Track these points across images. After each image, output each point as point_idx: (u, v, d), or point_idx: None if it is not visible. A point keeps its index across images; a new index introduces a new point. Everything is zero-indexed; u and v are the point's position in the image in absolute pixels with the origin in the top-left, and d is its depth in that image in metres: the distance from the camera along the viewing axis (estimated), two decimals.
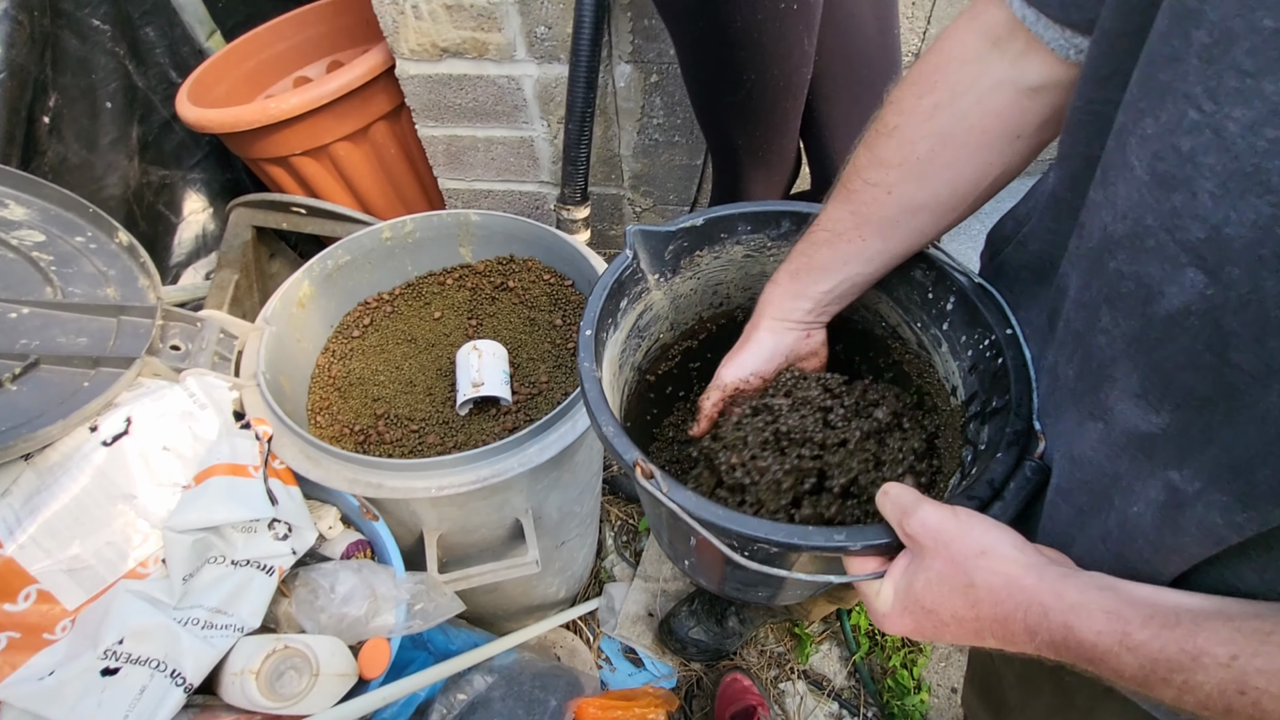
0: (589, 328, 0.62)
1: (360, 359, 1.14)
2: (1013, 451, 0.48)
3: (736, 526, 0.46)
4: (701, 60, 0.92)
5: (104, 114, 1.41)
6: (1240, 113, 0.28)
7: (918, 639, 0.45)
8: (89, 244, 0.98)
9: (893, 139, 0.51)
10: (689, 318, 0.81)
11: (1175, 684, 0.32)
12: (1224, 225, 0.29)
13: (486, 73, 1.26)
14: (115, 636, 0.68)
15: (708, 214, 0.70)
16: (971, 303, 0.59)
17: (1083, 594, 0.36)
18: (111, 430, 0.77)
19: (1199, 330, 0.32)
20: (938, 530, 0.42)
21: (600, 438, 0.54)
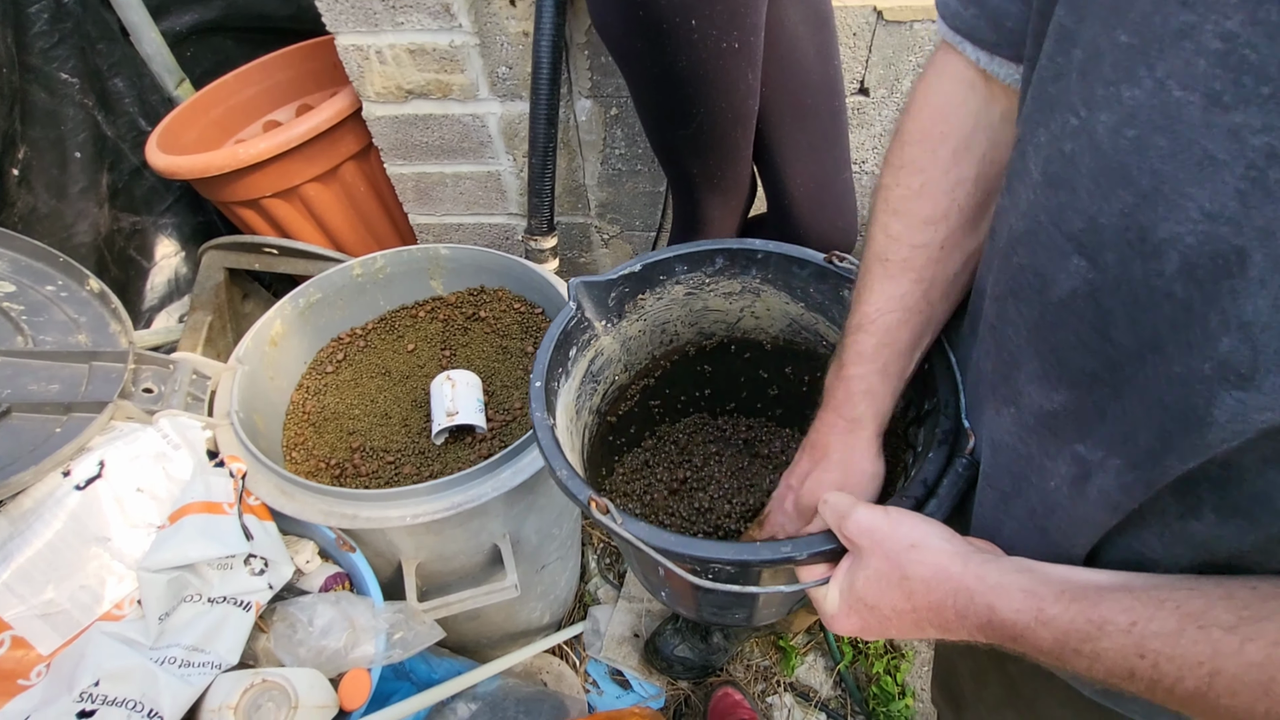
0: (538, 379, 0.64)
1: (334, 394, 1.15)
2: (943, 450, 0.51)
3: (689, 550, 0.49)
4: (652, 97, 0.96)
5: (73, 164, 1.42)
6: (1106, 117, 0.32)
7: (867, 637, 0.47)
8: (59, 292, 0.99)
9: (924, 197, 0.50)
10: (641, 358, 0.85)
11: (1085, 653, 0.35)
12: (1098, 216, 0.33)
13: (451, 112, 1.30)
14: (91, 679, 0.69)
15: (644, 259, 0.74)
16: None
17: (1003, 576, 0.39)
18: (84, 474, 0.78)
19: (1084, 312, 0.35)
20: (871, 530, 0.45)
21: (555, 481, 0.57)
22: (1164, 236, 0.30)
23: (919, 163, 0.50)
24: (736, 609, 0.73)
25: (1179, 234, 0.29)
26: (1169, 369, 0.32)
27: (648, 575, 0.73)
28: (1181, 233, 0.29)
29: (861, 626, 0.46)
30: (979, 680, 0.64)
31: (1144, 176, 0.30)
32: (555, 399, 0.66)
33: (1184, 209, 0.29)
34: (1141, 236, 0.31)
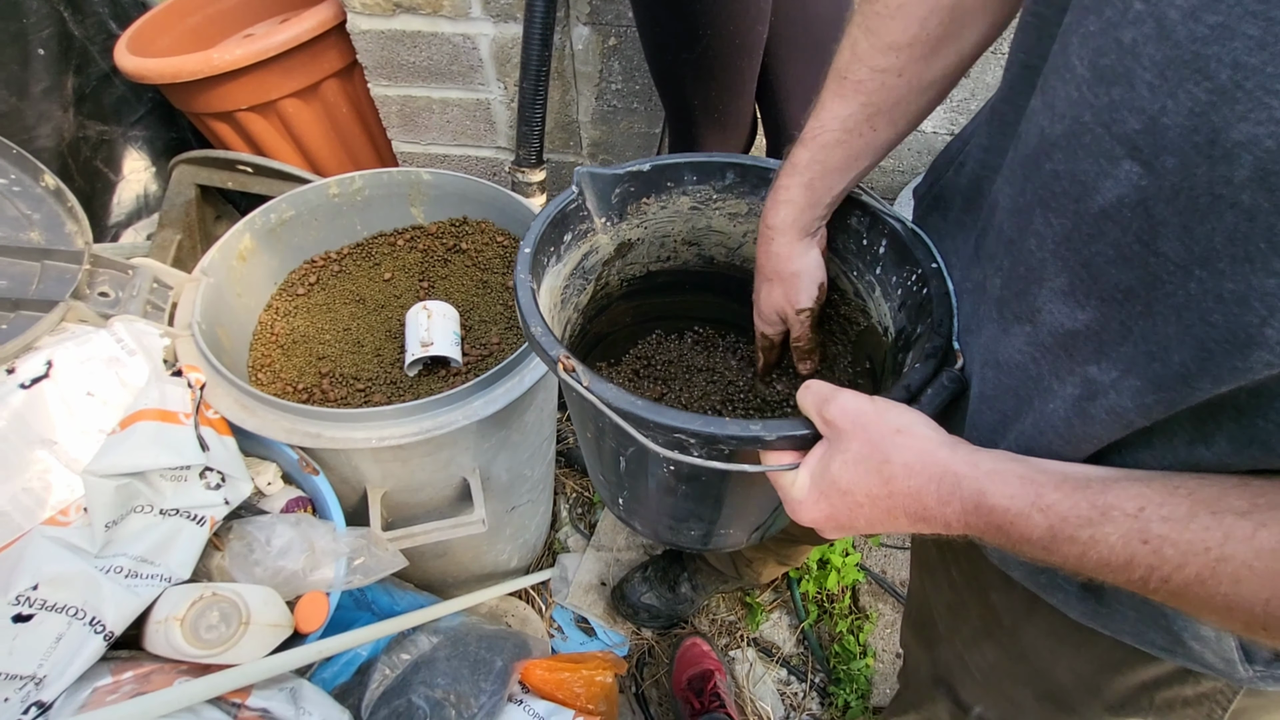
0: (528, 246, 0.62)
1: (305, 317, 1.11)
2: (930, 363, 0.49)
3: (654, 416, 0.47)
4: (657, 17, 0.91)
5: (36, 60, 1.34)
6: (1181, 0, 0.28)
7: (830, 528, 0.45)
8: (12, 186, 0.93)
9: (898, 18, 0.48)
10: (638, 269, 0.81)
11: (1081, 539, 0.33)
12: (1161, 115, 0.30)
13: (441, 30, 1.24)
14: (29, 582, 0.65)
15: (655, 161, 0.71)
16: (902, 243, 0.61)
17: (997, 463, 0.38)
18: (30, 373, 0.74)
19: (1130, 222, 0.32)
20: (856, 413, 0.43)
21: (528, 338, 0.55)
22: (1239, 139, 0.27)
23: None
24: (695, 522, 0.71)
25: (1258, 136, 0.26)
26: (1219, 285, 0.29)
27: (608, 472, 0.70)
28: (1261, 135, 0.26)
29: (828, 514, 0.44)
30: (956, 613, 0.63)
31: (1224, 70, 0.27)
32: (542, 274, 0.64)
33: (1269, 107, 0.26)
34: (1212, 139, 0.28)
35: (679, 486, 0.62)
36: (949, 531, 0.39)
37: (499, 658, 1.00)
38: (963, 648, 0.64)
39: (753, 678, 1.34)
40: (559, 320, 0.70)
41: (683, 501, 0.65)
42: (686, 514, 0.68)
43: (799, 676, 1.35)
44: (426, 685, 0.90)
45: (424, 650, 0.97)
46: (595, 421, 0.62)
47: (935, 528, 0.39)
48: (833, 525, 0.44)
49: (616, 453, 0.63)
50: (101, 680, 0.66)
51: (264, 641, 0.73)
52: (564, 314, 0.72)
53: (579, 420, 0.70)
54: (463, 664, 0.96)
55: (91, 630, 0.66)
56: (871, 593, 1.43)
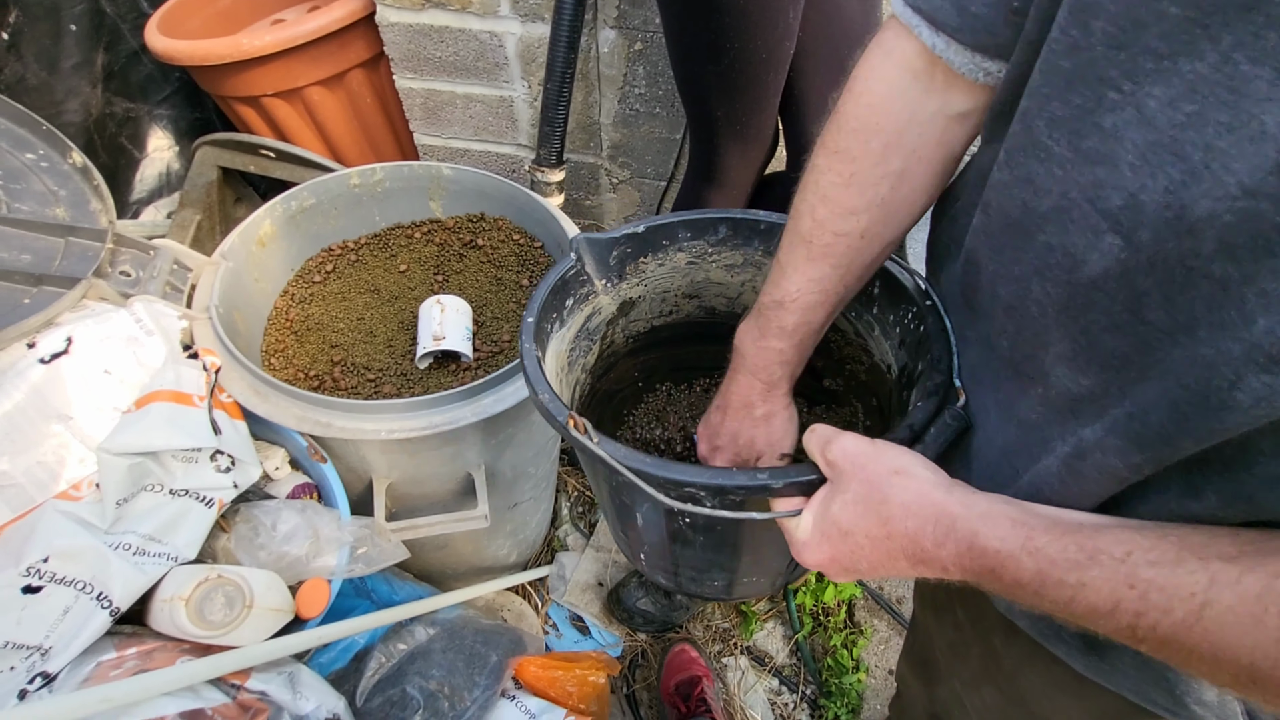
0: (530, 315, 0.64)
1: (320, 305, 1.12)
2: (932, 401, 0.50)
3: (663, 473, 0.48)
4: (686, 27, 0.92)
5: (68, 36, 1.35)
6: (1160, 90, 0.30)
7: (835, 571, 0.45)
8: (40, 161, 0.94)
9: (852, 187, 0.51)
10: (641, 325, 0.83)
11: (1069, 583, 0.33)
12: (1140, 192, 0.32)
13: (469, 26, 1.24)
14: (40, 554, 0.67)
15: (649, 222, 0.72)
16: (895, 282, 0.62)
17: (991, 505, 0.38)
18: (50, 348, 0.75)
19: (1116, 292, 0.34)
20: (855, 454, 0.44)
21: (536, 406, 0.57)
22: (1201, 214, 0.29)
23: (852, 152, 0.51)
24: (715, 573, 0.72)
25: (1216, 211, 0.29)
26: (1197, 350, 0.31)
27: (625, 531, 0.72)
28: (1219, 210, 0.29)
29: (831, 556, 0.44)
30: (958, 653, 0.63)
31: (1196, 152, 0.29)
32: (546, 341, 0.66)
33: (1225, 185, 0.28)
34: (1179, 214, 0.30)
35: (696, 538, 0.63)
36: (947, 576, 0.40)
37: (494, 652, 1.00)
38: (962, 688, 0.64)
39: (744, 686, 1.35)
40: (567, 383, 0.72)
41: (702, 552, 0.66)
42: (707, 564, 0.69)
43: (790, 687, 1.35)
44: (421, 676, 0.91)
45: (420, 641, 0.98)
46: (609, 481, 0.63)
47: (934, 571, 0.40)
48: (837, 567, 0.45)
49: (632, 509, 0.64)
50: (106, 655, 0.67)
51: (266, 625, 0.74)
52: (571, 376, 0.74)
53: (594, 480, 0.72)
54: (458, 657, 0.96)
55: (98, 605, 0.67)
56: (867, 608, 1.43)
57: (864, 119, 0.50)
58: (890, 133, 0.49)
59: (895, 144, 0.50)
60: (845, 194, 0.52)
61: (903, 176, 0.51)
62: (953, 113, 0.49)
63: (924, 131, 0.49)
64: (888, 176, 0.51)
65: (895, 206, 0.52)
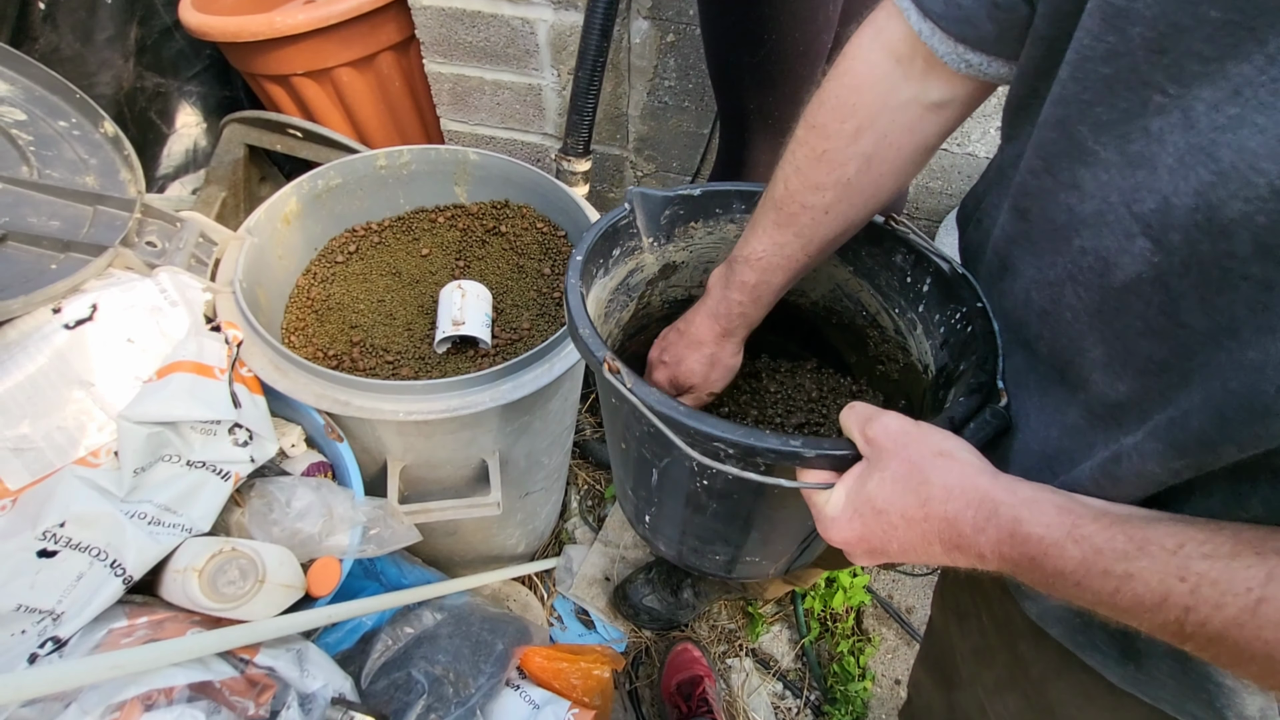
0: (580, 254, 0.64)
1: (341, 285, 1.12)
2: (975, 398, 0.48)
3: (695, 423, 0.47)
4: (723, 14, 0.90)
5: (103, 9, 1.36)
6: (1208, 93, 0.30)
7: (860, 554, 0.44)
8: (72, 130, 0.95)
9: (823, 163, 0.53)
10: (680, 292, 0.82)
11: (1116, 573, 0.32)
12: (1172, 195, 0.32)
13: (501, 12, 1.24)
14: (56, 519, 0.67)
15: (705, 187, 0.72)
16: (947, 281, 0.61)
17: (1037, 492, 0.37)
18: (75, 315, 0.75)
19: (1151, 296, 0.34)
20: (899, 433, 0.43)
21: (574, 339, 0.56)
22: (1233, 216, 0.29)
23: (827, 128, 0.52)
24: (720, 546, 0.71)
25: (1248, 213, 0.28)
26: (1242, 354, 0.30)
27: (638, 486, 0.70)
28: (1251, 211, 0.28)
29: (861, 534, 0.43)
30: (982, 660, 0.62)
31: (1229, 154, 0.29)
32: (590, 283, 0.66)
33: (1255, 186, 0.28)
34: (1209, 216, 0.30)
35: (709, 504, 0.62)
36: (983, 564, 0.38)
37: (500, 641, 1.00)
38: (984, 695, 0.63)
39: (748, 688, 1.34)
40: (601, 333, 0.71)
41: (711, 521, 0.64)
42: (713, 535, 0.67)
43: (794, 692, 1.34)
44: (427, 661, 0.90)
45: (427, 626, 0.97)
46: (631, 430, 0.62)
47: (969, 558, 0.38)
48: (864, 548, 0.43)
49: (650, 464, 0.62)
50: (117, 623, 0.67)
51: (276, 601, 0.73)
52: (605, 327, 0.73)
53: (613, 431, 0.71)
54: (464, 643, 0.96)
55: (112, 572, 0.67)
56: (876, 616, 1.41)
57: (842, 98, 0.51)
58: (864, 115, 0.50)
59: (868, 126, 0.51)
60: (816, 169, 0.53)
61: (871, 160, 0.52)
62: (928, 101, 0.50)
63: (896, 118, 0.50)
64: (856, 158, 0.52)
65: (862, 188, 0.54)
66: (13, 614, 0.64)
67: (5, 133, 0.89)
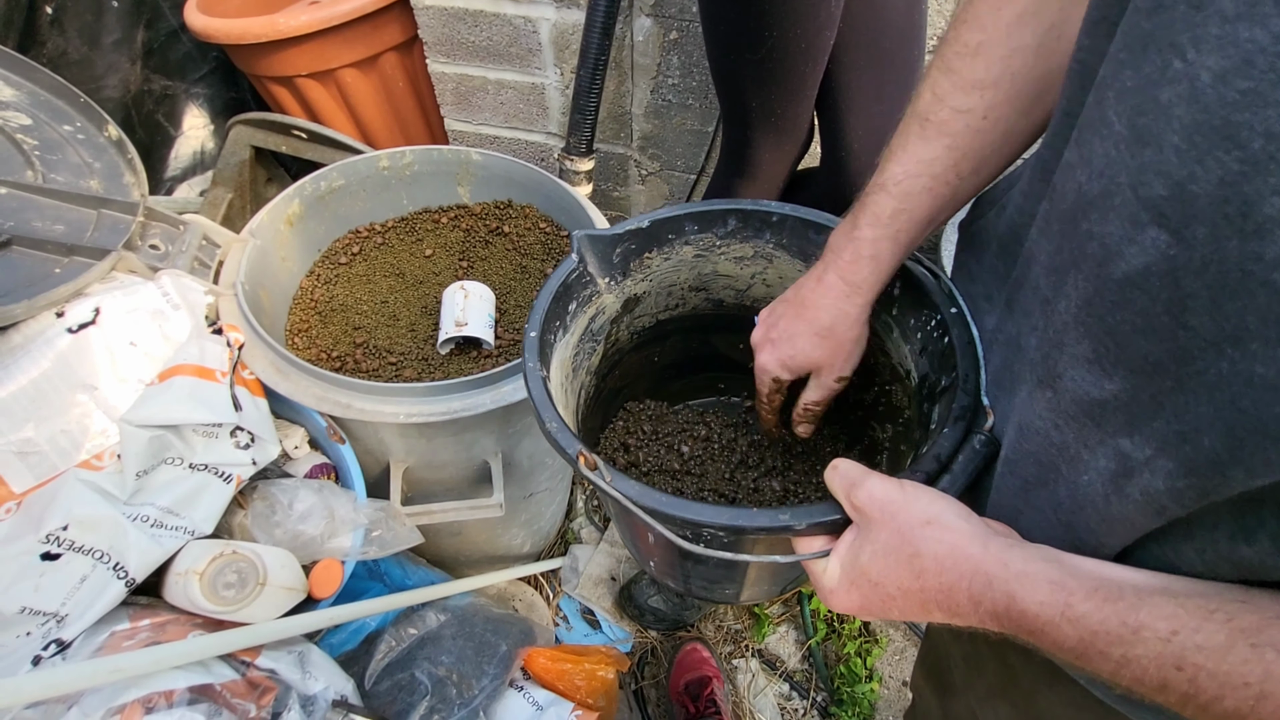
0: (534, 330, 0.62)
1: (344, 286, 1.12)
2: (959, 426, 0.47)
3: (680, 512, 0.46)
4: (724, 13, 0.90)
5: (109, 13, 1.37)
6: (1214, 62, 0.26)
7: (865, 616, 0.44)
8: (76, 134, 0.95)
9: (979, 58, 0.45)
10: (647, 320, 0.81)
11: (1114, 657, 0.32)
12: (1189, 182, 0.28)
13: (504, 11, 1.23)
14: (60, 522, 0.67)
15: (653, 216, 0.71)
16: (917, 283, 0.59)
17: (1028, 564, 0.36)
18: (78, 318, 0.76)
19: (1158, 291, 0.31)
20: (884, 502, 0.41)
21: (544, 434, 0.54)
22: (1271, 214, 0.25)
23: (981, 19, 0.45)
24: (726, 584, 0.71)
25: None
26: (1250, 368, 0.27)
27: (636, 543, 0.70)
28: None
29: (861, 604, 0.42)
30: (973, 667, 0.61)
31: (1256, 139, 0.25)
32: (551, 352, 0.64)
33: None
34: (1244, 212, 0.26)
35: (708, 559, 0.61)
36: (985, 628, 0.37)
37: (504, 642, 1.00)
38: (976, 702, 0.62)
39: (754, 689, 1.33)
40: (571, 390, 0.70)
41: (714, 570, 0.65)
42: (719, 578, 0.68)
43: (801, 693, 1.33)
44: (431, 662, 0.90)
45: (431, 627, 0.97)
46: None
47: (970, 623, 0.38)
48: (866, 614, 0.43)
49: (645, 530, 0.62)
50: (120, 625, 0.67)
51: (278, 603, 0.74)
52: (576, 382, 0.72)
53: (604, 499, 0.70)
54: (468, 644, 0.96)
55: (115, 575, 0.67)
56: None
57: None
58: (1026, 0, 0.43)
59: (1031, 13, 0.44)
60: (971, 64, 0.45)
61: (1039, 53, 0.44)
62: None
63: (1066, 6, 0.43)
64: (1020, 50, 0.44)
65: (1026, 88, 0.46)
66: (17, 616, 0.65)
67: (10, 137, 0.89)
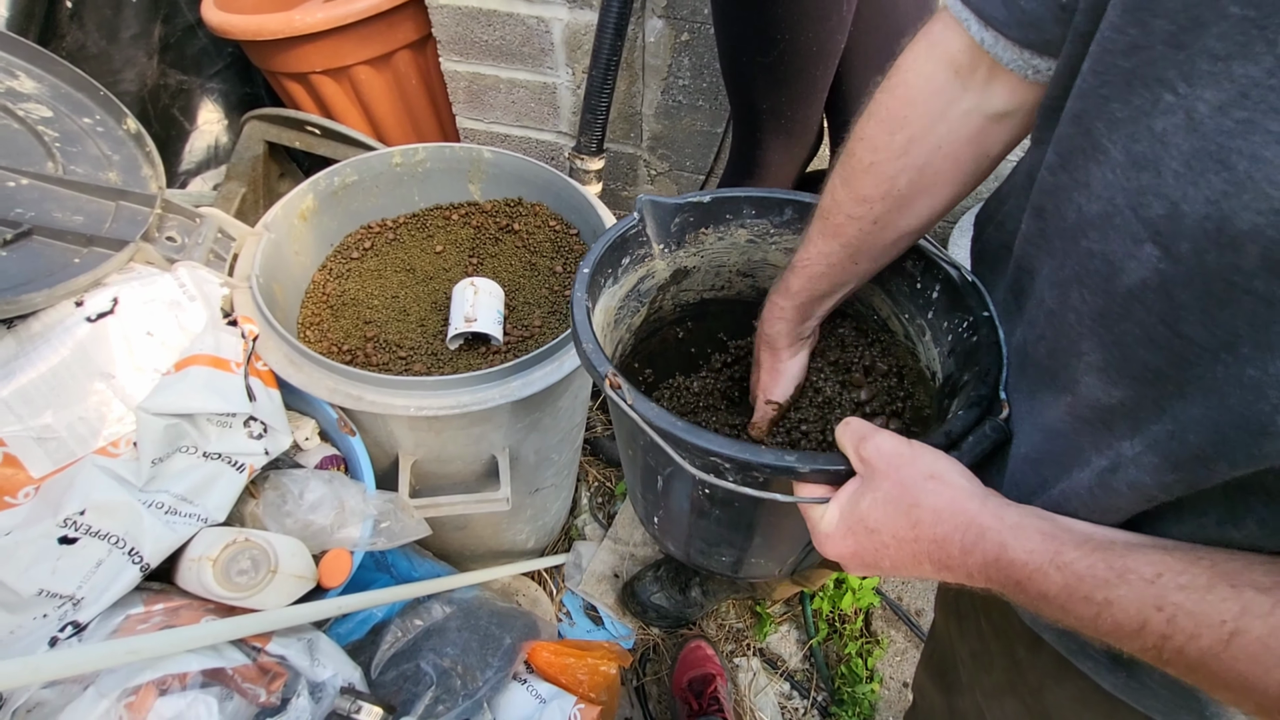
0: (587, 267, 0.64)
1: (356, 280, 1.13)
2: (974, 411, 0.49)
3: (693, 439, 0.47)
4: (736, 16, 0.90)
5: (128, 8, 1.39)
6: (1211, 95, 0.29)
7: (855, 566, 0.45)
8: (96, 126, 0.97)
9: (870, 175, 0.52)
10: (692, 296, 0.82)
11: (1096, 600, 0.33)
12: (1181, 201, 0.31)
13: (517, 10, 1.24)
14: (77, 507, 0.68)
15: (715, 193, 0.72)
16: (955, 288, 0.61)
17: (1023, 517, 0.38)
18: (97, 308, 0.77)
19: (1153, 304, 0.33)
20: (891, 455, 0.43)
21: (580, 354, 0.57)
22: (1243, 228, 0.28)
23: (876, 141, 0.51)
24: (725, 549, 0.71)
25: (1259, 225, 0.28)
26: (1242, 370, 0.30)
27: (644, 491, 0.71)
28: (1262, 224, 0.28)
29: (854, 551, 0.44)
30: (981, 664, 0.62)
31: (1242, 162, 0.28)
32: (598, 294, 0.66)
33: (1270, 199, 0.27)
34: (1220, 227, 0.29)
35: (713, 510, 0.62)
36: (971, 583, 0.39)
37: (508, 635, 1.01)
38: (983, 699, 0.63)
39: (755, 688, 1.34)
40: (610, 339, 0.72)
41: (715, 526, 0.65)
42: (718, 539, 0.68)
43: (802, 692, 1.33)
44: (436, 653, 0.91)
45: (437, 619, 0.99)
46: (636, 439, 0.63)
47: (958, 577, 0.39)
48: (857, 562, 0.44)
49: (655, 471, 0.64)
50: (134, 609, 0.68)
51: (288, 591, 0.75)
52: (616, 333, 0.73)
53: (622, 438, 0.72)
54: (473, 637, 0.97)
55: (130, 560, 0.69)
56: (885, 618, 1.41)
57: (893, 110, 0.50)
58: (917, 127, 0.49)
59: (920, 139, 0.50)
60: (863, 181, 0.52)
61: (924, 172, 0.51)
62: (991, 112, 0.48)
63: (955, 129, 0.49)
64: (907, 170, 0.51)
65: (913, 199, 0.53)
66: (35, 599, 0.66)
67: (32, 129, 0.91)
